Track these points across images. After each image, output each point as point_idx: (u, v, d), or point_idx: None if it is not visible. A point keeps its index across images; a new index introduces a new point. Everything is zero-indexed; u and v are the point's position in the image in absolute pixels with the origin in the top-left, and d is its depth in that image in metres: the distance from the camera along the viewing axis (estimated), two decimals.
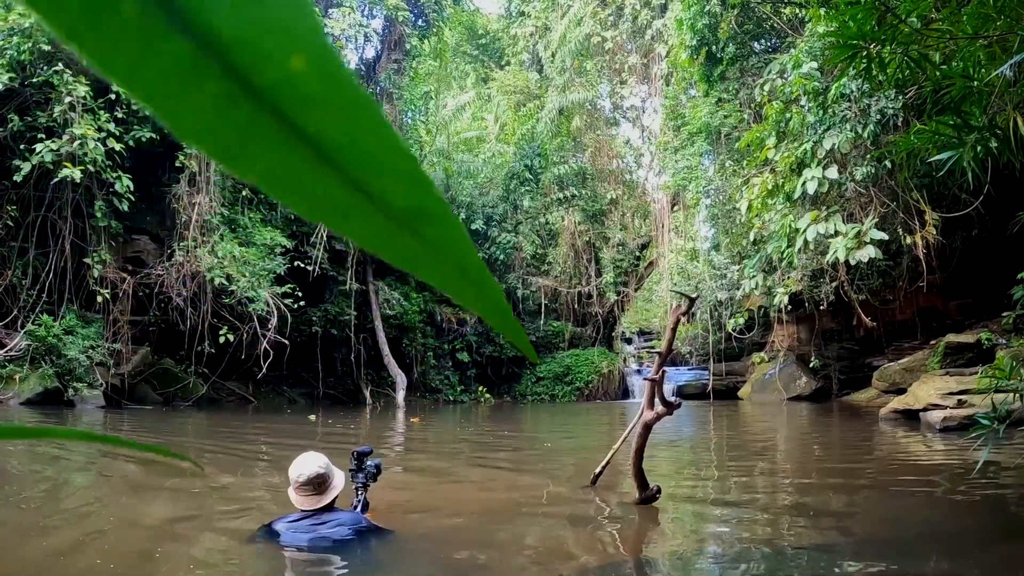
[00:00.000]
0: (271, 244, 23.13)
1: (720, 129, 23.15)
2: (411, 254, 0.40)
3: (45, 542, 5.27)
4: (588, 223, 35.09)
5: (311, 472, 5.45)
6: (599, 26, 33.78)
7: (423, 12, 27.66)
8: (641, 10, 32.68)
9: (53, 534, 5.56)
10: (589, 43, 33.78)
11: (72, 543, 5.28)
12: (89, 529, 5.86)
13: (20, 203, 20.03)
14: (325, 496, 5.48)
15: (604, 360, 32.88)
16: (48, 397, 19.03)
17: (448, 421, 21.45)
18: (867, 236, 13.61)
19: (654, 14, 32.37)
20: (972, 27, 5.63)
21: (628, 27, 33.60)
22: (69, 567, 4.68)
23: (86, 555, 5.00)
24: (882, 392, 22.01)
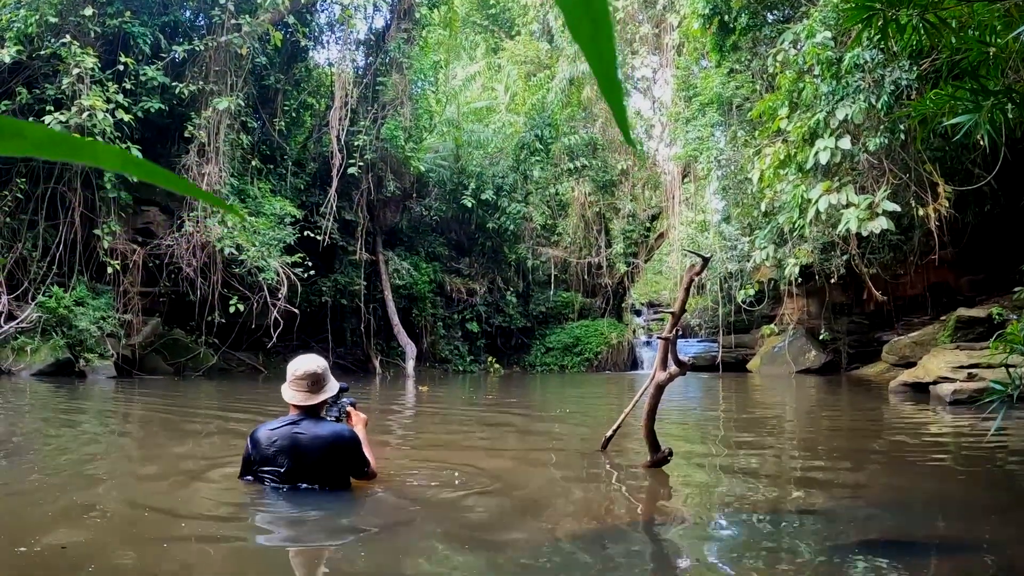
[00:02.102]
0: (281, 214, 23.14)
1: (732, 100, 22.99)
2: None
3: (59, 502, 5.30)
4: (598, 194, 34.98)
5: (310, 368, 5.65)
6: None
7: None
8: None
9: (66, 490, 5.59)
10: None
11: (80, 487, 5.33)
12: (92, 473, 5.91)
13: (29, 176, 20.06)
14: (318, 396, 5.66)
15: (614, 331, 32.89)
16: (59, 368, 19.13)
17: (457, 389, 21.51)
18: (879, 207, 13.51)
19: None
20: None
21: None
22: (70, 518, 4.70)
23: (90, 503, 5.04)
24: (892, 366, 21.97)
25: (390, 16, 27.60)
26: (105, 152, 0.86)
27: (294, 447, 5.53)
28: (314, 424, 5.61)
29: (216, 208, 20.83)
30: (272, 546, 4.54)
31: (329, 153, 25.48)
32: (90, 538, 4.43)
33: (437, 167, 30.14)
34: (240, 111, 22.70)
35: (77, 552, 4.11)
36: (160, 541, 4.40)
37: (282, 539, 4.67)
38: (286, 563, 4.21)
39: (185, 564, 3.99)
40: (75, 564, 3.91)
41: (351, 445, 5.67)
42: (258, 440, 5.64)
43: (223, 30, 21.86)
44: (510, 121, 33.60)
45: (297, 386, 5.62)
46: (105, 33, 20.64)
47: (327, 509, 5.32)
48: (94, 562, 3.97)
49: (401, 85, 26.76)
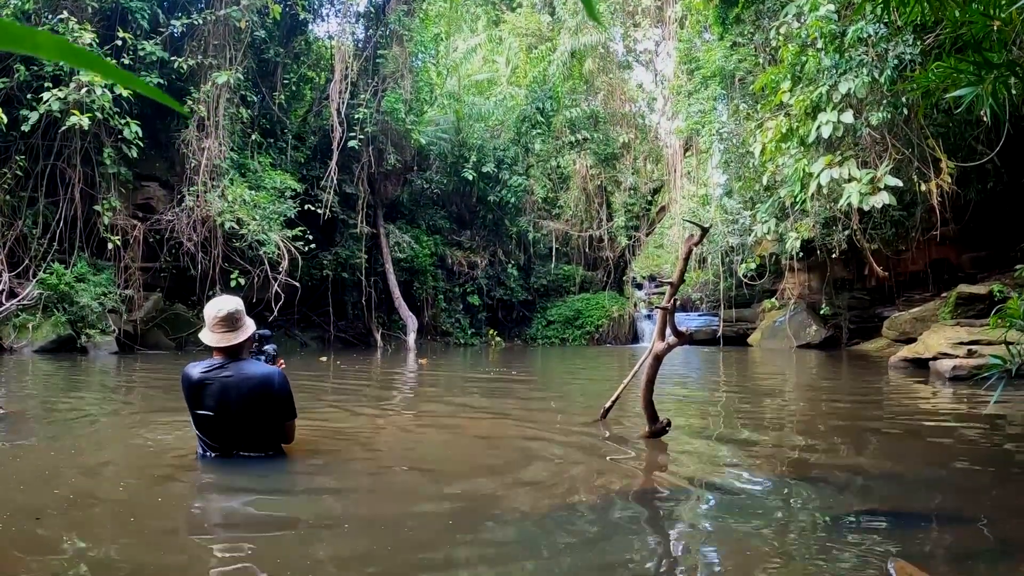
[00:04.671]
0: (281, 188, 23.11)
1: (735, 73, 22.92)
2: None
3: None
4: (600, 167, 34.95)
5: (229, 307, 5.69)
6: None
7: None
8: None
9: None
10: None
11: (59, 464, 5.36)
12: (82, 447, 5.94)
13: (29, 153, 19.99)
14: (238, 335, 5.68)
15: (615, 304, 32.96)
16: (61, 344, 19.16)
17: (458, 362, 21.56)
18: (881, 182, 13.46)
19: None
20: None
21: None
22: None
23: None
24: (892, 341, 21.99)
25: None
26: (45, 41, 0.86)
27: (223, 390, 5.54)
28: (243, 365, 5.65)
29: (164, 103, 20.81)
30: (267, 521, 4.56)
31: (329, 126, 25.43)
32: (69, 511, 4.44)
33: (438, 140, 30.08)
34: (240, 85, 22.62)
35: (51, 523, 4.13)
36: (140, 518, 4.41)
37: (269, 515, 4.69)
38: (275, 534, 4.23)
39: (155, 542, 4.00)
40: (49, 535, 3.94)
41: (282, 389, 5.67)
42: (190, 380, 5.63)
43: (222, 3, 21.78)
44: (511, 94, 33.51)
45: (219, 327, 5.64)
46: (103, 8, 20.52)
47: (309, 478, 5.36)
48: (67, 532, 3.99)
49: (402, 58, 26.66)
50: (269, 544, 3.94)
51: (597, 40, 34.22)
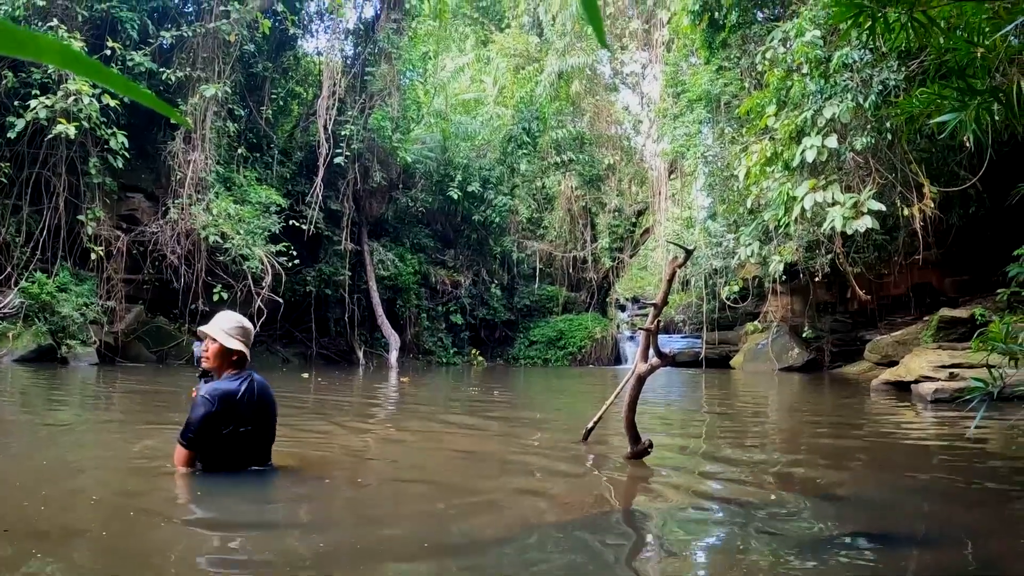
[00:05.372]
0: (266, 203, 23.10)
1: (720, 97, 23.06)
2: None
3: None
4: (585, 188, 35.05)
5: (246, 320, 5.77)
6: None
7: None
8: None
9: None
10: None
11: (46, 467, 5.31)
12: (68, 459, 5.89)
13: (14, 160, 19.95)
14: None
15: (598, 326, 32.99)
16: (42, 354, 19.04)
17: (439, 381, 21.50)
18: (865, 206, 13.57)
19: None
20: None
21: None
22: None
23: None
24: (874, 364, 22.10)
25: (380, 6, 27.61)
26: (48, 46, 0.85)
27: (260, 402, 5.52)
28: (253, 375, 5.61)
29: (174, 120, 20.76)
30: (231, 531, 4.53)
31: (316, 142, 25.46)
32: (38, 523, 4.39)
33: (424, 158, 30.12)
34: (227, 98, 22.63)
35: (18, 536, 4.08)
36: (108, 528, 4.38)
37: (250, 523, 4.66)
38: (255, 547, 4.20)
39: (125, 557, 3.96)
40: (14, 549, 3.88)
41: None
42: (238, 400, 5.52)
43: (211, 16, 21.81)
44: (498, 114, 33.65)
45: (243, 336, 5.60)
46: (93, 17, 20.55)
47: (291, 494, 5.32)
48: (35, 544, 3.94)
49: (390, 76, 26.73)
50: (247, 554, 3.91)
51: (584, 62, 34.42)
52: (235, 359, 5.57)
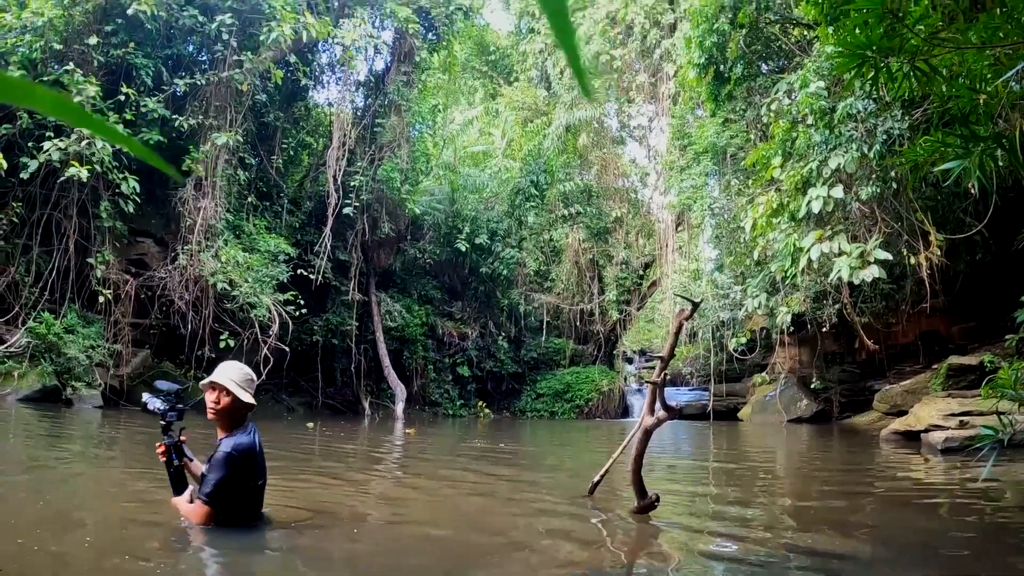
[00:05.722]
0: (275, 251, 23.19)
1: (726, 149, 23.19)
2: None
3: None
4: (592, 241, 35.12)
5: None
6: (608, 44, 33.93)
7: (434, 26, 27.75)
8: (651, 29, 32.82)
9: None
10: (598, 61, 33.89)
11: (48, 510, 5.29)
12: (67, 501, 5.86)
13: (26, 200, 20.09)
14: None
15: (605, 378, 32.83)
16: (46, 395, 19.02)
17: (446, 433, 21.39)
18: (871, 256, 13.59)
19: (663, 34, 32.52)
20: (979, 39, 5.64)
21: (637, 46, 33.70)
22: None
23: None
24: (883, 414, 21.95)
25: (390, 59, 27.89)
26: (42, 96, 0.87)
27: (263, 454, 5.52)
28: (253, 427, 5.60)
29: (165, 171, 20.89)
30: None
31: (325, 192, 25.58)
32: (31, 562, 4.37)
33: (432, 210, 30.23)
34: (238, 147, 22.82)
35: (9, 573, 4.06)
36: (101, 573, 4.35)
37: None
38: None
39: None
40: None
41: None
42: (257, 454, 5.50)
43: (225, 66, 22.03)
44: (506, 166, 33.84)
45: (253, 388, 5.57)
46: (108, 63, 20.82)
47: (289, 547, 5.28)
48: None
49: (399, 127, 26.95)
50: None
51: (592, 115, 34.71)
52: (245, 411, 5.55)
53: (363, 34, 25.15)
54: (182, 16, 21.74)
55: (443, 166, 32.86)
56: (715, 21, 20.60)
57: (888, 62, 5.78)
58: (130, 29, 21.05)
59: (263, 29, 21.88)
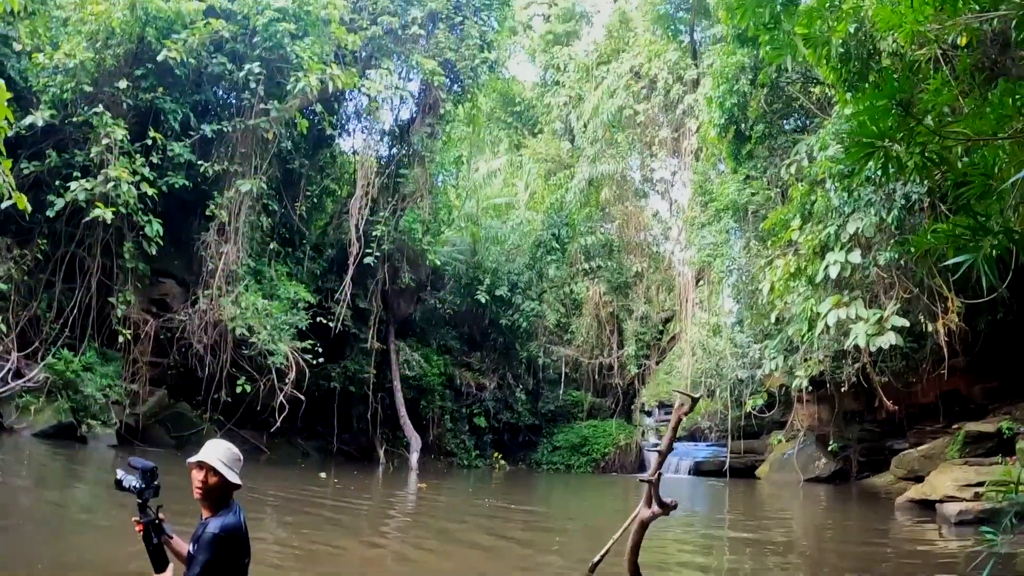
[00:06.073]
0: (295, 299, 23.27)
1: (747, 206, 23.18)
2: None
3: None
4: (612, 294, 35.08)
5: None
6: (632, 99, 34.18)
7: (459, 78, 27.91)
8: (673, 84, 33.07)
9: None
10: (621, 115, 34.13)
11: None
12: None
13: (51, 237, 20.37)
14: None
15: (622, 432, 32.60)
16: (61, 431, 19.14)
17: (458, 487, 21.29)
18: (889, 322, 13.55)
19: (686, 89, 32.76)
20: (991, 127, 5.64)
21: (660, 101, 33.93)
22: None
23: None
24: (900, 479, 21.70)
25: (416, 109, 28.15)
26: None
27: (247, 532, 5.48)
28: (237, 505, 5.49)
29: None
30: None
31: (347, 241, 25.68)
32: None
33: (453, 260, 30.28)
34: (262, 193, 23.01)
35: None
36: None
37: None
38: None
39: None
40: None
41: None
42: (243, 533, 5.46)
43: (251, 113, 22.28)
44: (528, 218, 33.97)
45: (239, 467, 5.53)
46: (137, 106, 21.18)
47: None
48: None
49: (423, 179, 27.11)
50: None
51: (614, 169, 34.85)
52: (231, 491, 5.52)
53: (389, 85, 25.46)
54: (211, 63, 22.07)
55: (465, 217, 32.98)
56: (735, 82, 20.74)
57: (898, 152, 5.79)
58: (160, 74, 21.38)
59: (290, 78, 22.13)
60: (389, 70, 25.57)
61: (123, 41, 20.92)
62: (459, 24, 27.50)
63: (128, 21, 20.67)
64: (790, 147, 19.74)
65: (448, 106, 27.96)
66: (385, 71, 25.16)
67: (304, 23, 22.63)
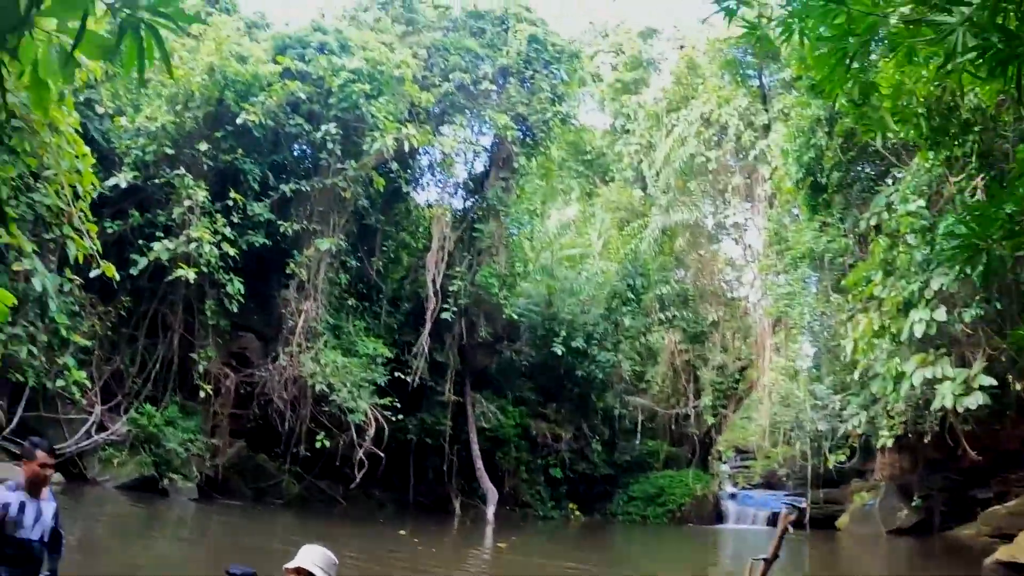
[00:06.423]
0: (373, 354, 23.47)
1: (824, 254, 22.85)
2: None
3: None
4: (688, 343, 34.78)
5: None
6: (703, 146, 34.02)
7: (531, 131, 28.09)
8: (745, 130, 32.88)
9: None
10: (693, 163, 33.99)
11: None
12: None
13: (134, 295, 21.00)
14: None
15: (699, 482, 32.08)
16: (143, 484, 19.59)
17: (536, 546, 21.08)
18: (976, 381, 13.26)
19: (757, 134, 32.54)
20: None
21: (732, 147, 33.76)
22: None
23: None
24: (987, 535, 21.00)
25: (489, 163, 28.37)
26: None
27: None
28: None
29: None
30: None
31: (424, 295, 25.87)
32: None
33: (529, 312, 30.22)
34: (340, 250, 23.36)
35: None
36: None
37: None
38: None
39: None
40: None
41: None
42: None
43: (329, 172, 22.74)
44: (603, 269, 33.90)
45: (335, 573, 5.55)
46: (217, 167, 21.82)
47: None
48: None
49: (498, 233, 27.29)
50: None
51: (688, 217, 34.69)
52: None
53: (463, 139, 25.80)
54: (288, 124, 22.65)
55: (540, 269, 33.03)
56: (812, 136, 20.55)
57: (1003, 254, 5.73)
58: (238, 135, 22.00)
59: (366, 137, 22.58)
60: (462, 125, 25.94)
61: (202, 104, 21.65)
62: (529, 78, 27.78)
63: (207, 84, 21.39)
64: (867, 195, 19.51)
65: (521, 159, 28.10)
66: (458, 126, 25.51)
67: (378, 82, 23.12)
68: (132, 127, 21.06)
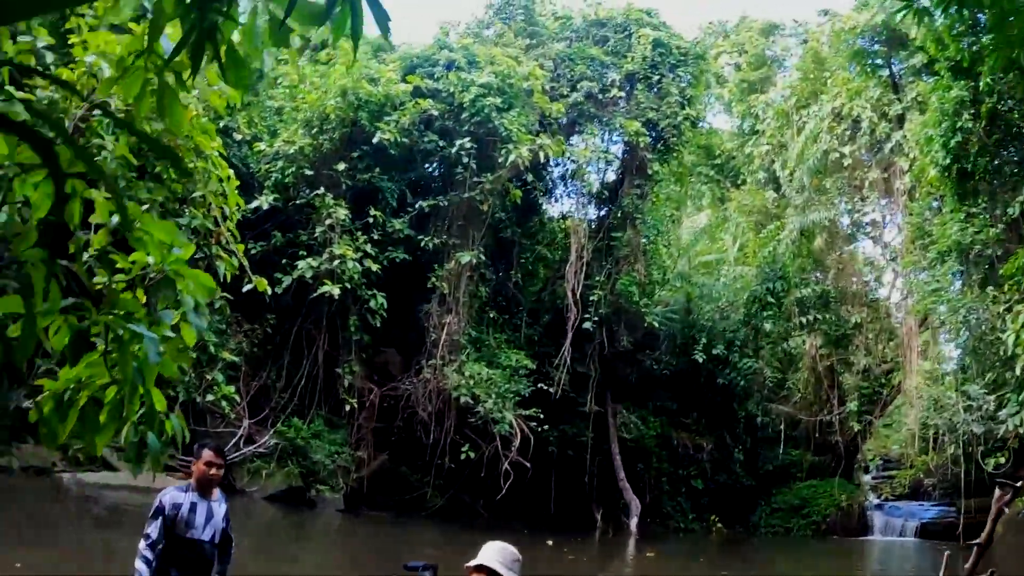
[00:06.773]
0: (516, 366, 23.63)
1: (972, 246, 21.86)
2: None
3: None
4: (830, 347, 33.77)
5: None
6: (836, 141, 33.04)
7: (662, 136, 27.87)
8: (879, 123, 31.77)
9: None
10: (827, 159, 33.06)
11: None
12: None
13: (278, 312, 21.62)
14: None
15: (844, 493, 31.05)
16: (291, 495, 20.20)
17: (681, 559, 20.74)
18: None
19: (892, 126, 31.43)
20: None
21: (866, 141, 32.69)
22: None
23: None
24: None
25: (621, 171, 28.28)
26: None
27: None
28: None
29: None
30: None
31: (562, 305, 25.95)
32: None
33: (667, 320, 29.91)
34: (480, 263, 23.67)
35: None
36: None
37: None
38: None
39: None
40: None
41: None
42: None
43: (465, 186, 23.04)
44: (740, 274, 33.37)
45: (518, 570, 5.53)
46: (355, 186, 22.35)
47: None
48: None
49: (635, 240, 27.18)
50: None
51: (826, 216, 33.71)
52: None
53: (594, 148, 25.80)
54: (422, 141, 23.11)
55: (678, 276, 32.72)
56: (957, 119, 19.71)
57: None
58: (375, 154, 22.55)
59: (500, 150, 22.82)
60: (592, 134, 25.96)
61: (338, 126, 22.30)
62: (657, 82, 27.66)
63: (341, 107, 22.03)
64: (1016, 179, 18.66)
65: (655, 165, 27.93)
66: (589, 135, 25.55)
67: (508, 96, 23.41)
68: (271, 151, 21.82)
